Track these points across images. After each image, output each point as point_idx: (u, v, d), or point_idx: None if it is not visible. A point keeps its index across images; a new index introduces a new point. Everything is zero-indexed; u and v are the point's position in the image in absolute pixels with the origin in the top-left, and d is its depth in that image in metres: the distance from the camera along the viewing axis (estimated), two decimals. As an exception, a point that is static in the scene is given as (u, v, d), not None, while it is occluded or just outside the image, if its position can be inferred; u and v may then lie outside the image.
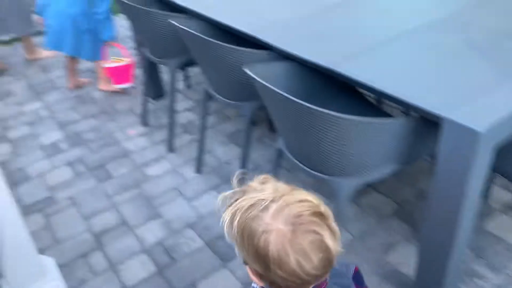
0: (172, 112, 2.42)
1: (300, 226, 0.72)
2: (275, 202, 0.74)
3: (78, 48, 2.89)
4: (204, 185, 2.20)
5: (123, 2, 2.17)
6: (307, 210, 0.73)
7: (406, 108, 1.34)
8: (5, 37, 4.21)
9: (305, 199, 0.76)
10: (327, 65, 1.48)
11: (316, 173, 1.47)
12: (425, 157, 1.53)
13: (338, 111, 1.72)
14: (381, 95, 1.36)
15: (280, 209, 0.73)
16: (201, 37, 1.72)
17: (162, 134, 2.61)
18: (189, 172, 2.30)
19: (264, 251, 0.72)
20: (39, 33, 3.75)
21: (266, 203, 0.74)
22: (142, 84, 2.76)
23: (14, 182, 2.30)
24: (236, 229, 0.75)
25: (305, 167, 1.51)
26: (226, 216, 0.78)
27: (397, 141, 1.35)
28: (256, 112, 1.90)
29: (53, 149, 2.56)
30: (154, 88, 2.95)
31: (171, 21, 1.83)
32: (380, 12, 1.88)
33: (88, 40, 2.88)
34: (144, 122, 2.73)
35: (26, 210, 2.11)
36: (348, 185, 1.42)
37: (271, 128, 2.51)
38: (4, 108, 3.04)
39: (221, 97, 1.98)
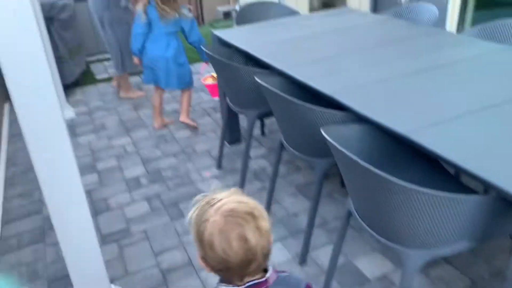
0: (246, 159, 2.51)
1: (231, 219, 0.92)
2: (221, 201, 0.95)
3: (183, 81, 3.27)
4: (270, 234, 2.22)
5: (211, 55, 2.34)
6: (242, 209, 0.93)
7: (485, 185, 1.29)
8: (105, 75, 4.68)
9: (244, 201, 0.96)
10: (403, 132, 1.48)
11: (384, 239, 1.45)
12: (505, 236, 1.45)
13: (412, 180, 1.69)
14: (459, 169, 1.33)
15: (222, 205, 0.94)
16: (281, 94, 1.80)
17: (234, 179, 2.71)
18: (256, 219, 2.34)
19: (202, 235, 0.93)
20: (135, 73, 4.14)
21: (216, 201, 0.95)
22: (221, 128, 2.90)
23: (96, 211, 2.49)
24: (192, 221, 0.96)
25: (373, 232, 1.49)
26: (190, 213, 0.98)
27: (472, 218, 1.30)
28: (329, 167, 1.93)
29: (134, 183, 2.76)
30: (232, 133, 3.08)
31: (256, 78, 1.94)
32: (463, 83, 1.85)
33: (187, 70, 3.28)
34: (219, 165, 2.85)
35: (104, 239, 2.27)
36: (416, 257, 1.38)
37: (343, 183, 2.51)
38: (97, 141, 3.34)
39: (294, 151, 2.03)
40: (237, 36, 2.76)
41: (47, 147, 1.50)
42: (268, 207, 2.33)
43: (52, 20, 3.85)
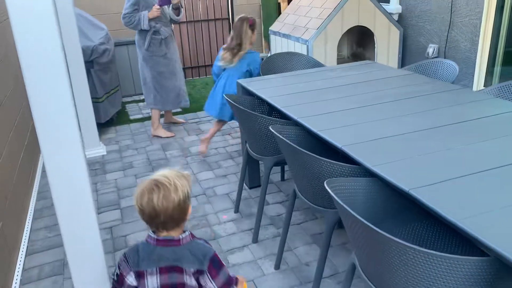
0: (261, 205, 2.55)
1: (151, 185, 1.36)
2: (158, 173, 1.41)
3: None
4: (281, 283, 2.23)
5: (232, 103, 2.46)
6: (162, 181, 1.36)
7: (486, 249, 1.28)
8: (139, 115, 4.90)
9: (168, 177, 1.37)
10: (407, 189, 1.51)
11: (384, 296, 1.44)
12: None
13: (417, 236, 1.70)
14: (458, 229, 1.33)
15: (154, 176, 1.40)
16: (290, 144, 1.87)
17: (250, 223, 2.74)
18: (268, 266, 2.36)
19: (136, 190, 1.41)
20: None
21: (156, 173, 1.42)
22: (241, 173, 2.97)
23: (115, 248, 2.58)
24: None
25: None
26: None
27: (472, 280, 1.29)
28: (339, 218, 1.95)
29: (153, 222, 2.83)
30: (252, 177, 3.15)
31: (270, 128, 2.03)
32: (475, 141, 1.85)
33: None
34: (237, 209, 2.91)
35: (119, 276, 2.33)
36: (415, 316, 1.36)
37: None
38: (123, 178, 3.48)
39: (306, 200, 2.07)
40: (261, 85, 2.88)
41: (67, 183, 1.61)
42: (280, 255, 2.34)
43: (92, 63, 4.13)
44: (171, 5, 3.94)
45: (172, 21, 4.12)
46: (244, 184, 3.23)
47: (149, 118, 4.76)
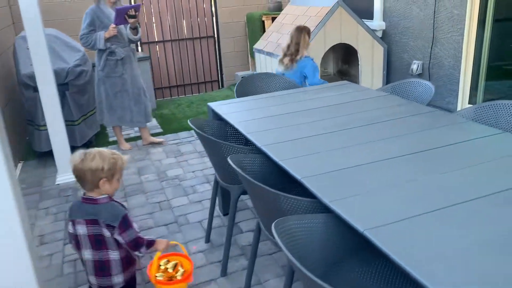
0: (229, 236, 2.43)
1: (81, 152, 1.79)
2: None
3: None
4: (245, 321, 2.10)
5: (195, 129, 2.35)
6: (89, 152, 1.78)
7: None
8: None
9: (96, 150, 1.81)
10: (362, 229, 1.39)
11: None
12: None
13: (377, 276, 1.58)
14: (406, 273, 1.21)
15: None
16: (244, 176, 1.76)
17: (220, 254, 2.61)
18: (234, 302, 2.23)
19: None
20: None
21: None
22: (211, 201, 2.85)
23: (77, 283, 2.44)
24: None
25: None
26: None
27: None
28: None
29: (119, 254, 2.70)
30: (225, 204, 3.03)
31: (228, 159, 1.92)
32: (444, 173, 1.73)
33: None
34: (207, 238, 2.78)
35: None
36: None
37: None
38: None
39: (268, 233, 1.95)
40: (231, 109, 2.78)
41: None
42: (247, 289, 2.21)
43: (68, 85, 4.04)
44: (128, 25, 3.89)
45: (132, 42, 4.07)
46: (219, 210, 3.12)
47: (129, 139, 4.66)
